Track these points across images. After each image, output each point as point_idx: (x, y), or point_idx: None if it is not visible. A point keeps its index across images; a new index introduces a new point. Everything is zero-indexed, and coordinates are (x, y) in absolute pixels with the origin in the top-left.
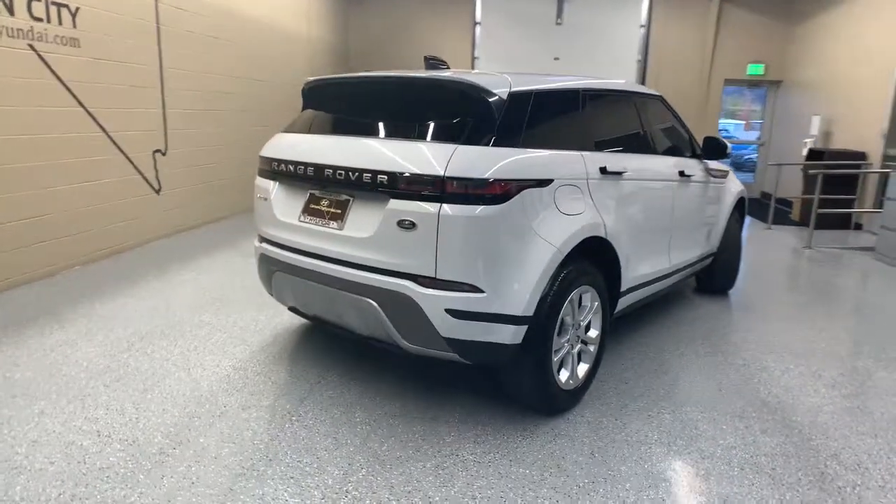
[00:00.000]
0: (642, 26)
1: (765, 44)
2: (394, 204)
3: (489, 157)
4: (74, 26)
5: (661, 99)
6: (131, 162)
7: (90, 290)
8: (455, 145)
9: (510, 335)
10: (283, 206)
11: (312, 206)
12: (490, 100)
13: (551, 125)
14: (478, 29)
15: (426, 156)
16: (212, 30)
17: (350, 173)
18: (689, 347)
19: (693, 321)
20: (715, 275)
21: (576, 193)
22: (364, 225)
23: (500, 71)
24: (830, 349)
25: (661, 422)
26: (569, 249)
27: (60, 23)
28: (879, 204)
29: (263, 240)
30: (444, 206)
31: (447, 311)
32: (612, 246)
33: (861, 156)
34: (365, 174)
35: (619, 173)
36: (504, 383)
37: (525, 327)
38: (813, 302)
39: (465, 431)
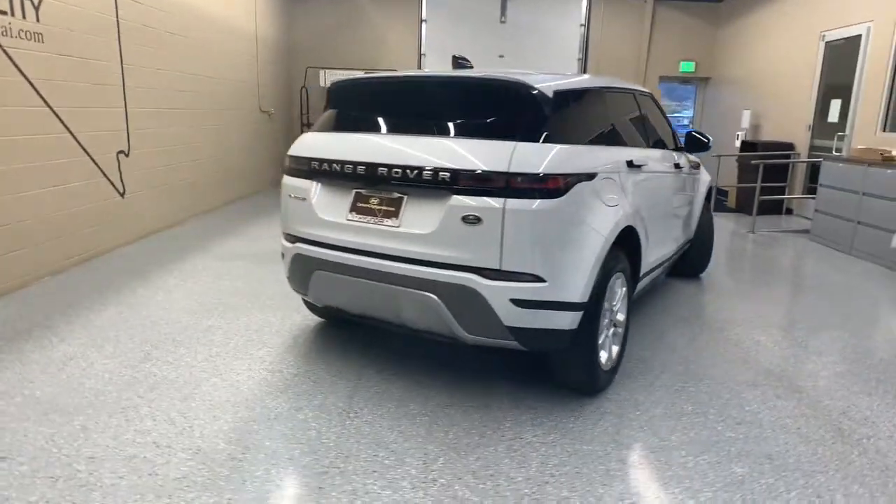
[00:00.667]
0: (582, 25)
1: (694, 43)
2: (456, 200)
3: (546, 153)
4: (38, 20)
5: (651, 96)
6: (96, 164)
7: (75, 301)
8: (514, 142)
9: (569, 321)
10: (325, 206)
11: (360, 204)
12: (540, 98)
13: (585, 121)
14: (424, 26)
15: (489, 153)
16: (169, 25)
17: (408, 171)
18: (685, 327)
19: (679, 303)
20: (692, 259)
21: (613, 186)
22: (423, 221)
23: (522, 70)
24: (808, 322)
25: (689, 395)
26: (613, 238)
27: (24, 16)
28: (807, 190)
29: (297, 239)
30: (509, 200)
31: (511, 300)
32: (637, 234)
33: (790, 146)
34: (424, 172)
35: (640, 166)
36: (554, 367)
37: (581, 313)
38: (777, 281)
39: (520, 416)
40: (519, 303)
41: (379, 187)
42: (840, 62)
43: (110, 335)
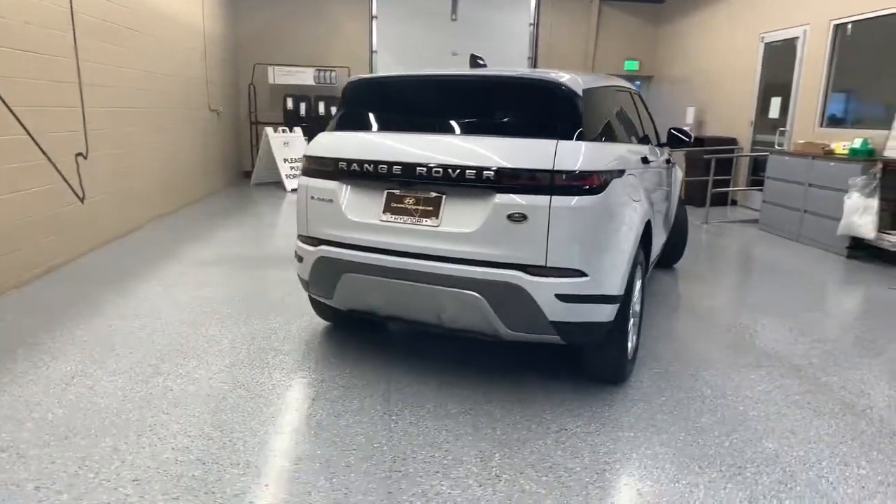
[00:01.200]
0: (531, 24)
1: (638, 43)
2: (502, 198)
3: (586, 151)
4: None
5: (639, 93)
6: (56, 167)
7: (52, 314)
8: (555, 140)
9: (608, 314)
10: (356, 207)
11: (395, 204)
12: (574, 96)
13: (605, 119)
14: (375, 23)
15: (532, 151)
16: (123, 20)
17: (449, 170)
18: (677, 316)
19: (665, 293)
20: (669, 250)
21: (635, 182)
22: (465, 220)
23: (539, 70)
24: (783, 305)
25: (704, 379)
26: (641, 232)
27: None
28: (750, 182)
29: (321, 242)
30: (554, 198)
31: (556, 296)
32: (651, 228)
33: (733, 141)
34: (468, 171)
35: (650, 162)
36: (587, 359)
37: (618, 306)
38: (743, 268)
39: (556, 408)
40: (563, 298)
41: (415, 187)
42: (779, 62)
43: (107, 349)
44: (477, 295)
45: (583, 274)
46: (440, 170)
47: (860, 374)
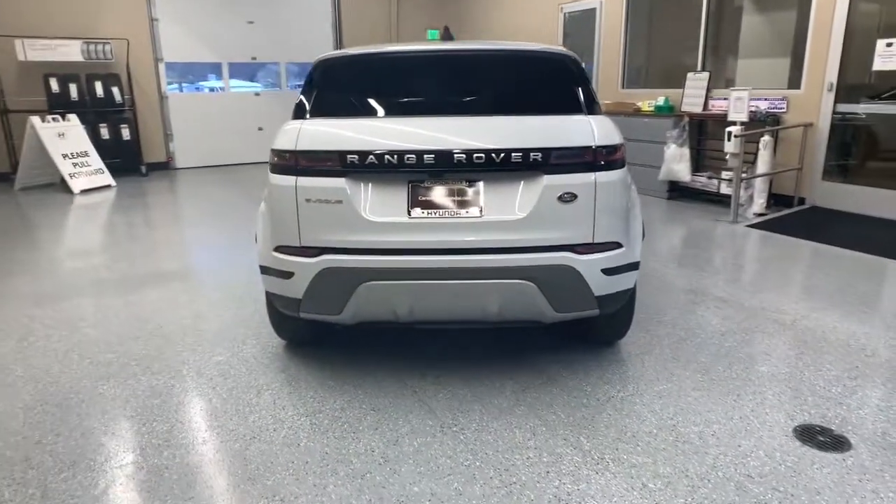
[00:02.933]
0: None
1: (436, 13)
2: (551, 179)
3: (610, 125)
4: None
5: None
6: None
7: None
8: (585, 116)
9: (633, 279)
10: (375, 205)
11: (424, 197)
12: (583, 70)
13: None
14: None
15: (573, 129)
16: None
17: (493, 155)
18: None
19: None
20: None
21: None
22: (510, 206)
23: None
24: (650, 244)
25: (716, 361)
26: None
27: None
28: None
29: (322, 251)
30: (598, 174)
31: (602, 271)
32: None
33: None
34: (513, 154)
35: None
36: (602, 322)
37: (638, 270)
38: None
39: (588, 378)
40: (607, 272)
41: (446, 177)
42: (580, 29)
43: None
44: (528, 283)
45: (619, 245)
46: (482, 155)
47: (846, 329)
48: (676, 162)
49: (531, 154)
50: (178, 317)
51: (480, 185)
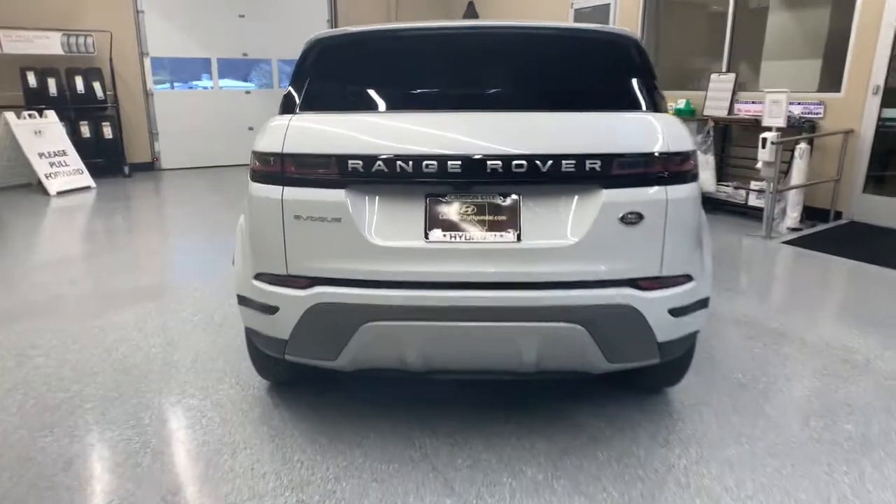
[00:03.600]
0: None
1: (438, 8)
2: (612, 195)
3: (681, 126)
4: None
5: None
6: None
7: None
8: (650, 114)
9: (703, 319)
10: (382, 224)
11: (445, 216)
12: (646, 56)
13: None
14: None
15: (636, 129)
16: None
17: (537, 161)
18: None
19: None
20: None
21: None
22: (557, 228)
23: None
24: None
25: (788, 415)
26: None
27: None
28: None
29: (315, 282)
30: (669, 188)
31: (669, 311)
32: None
33: None
34: (564, 161)
35: None
36: (655, 369)
37: (708, 308)
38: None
39: (639, 452)
40: (675, 312)
41: (474, 190)
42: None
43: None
44: (578, 327)
45: (690, 278)
46: (523, 162)
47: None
48: (702, 170)
49: (588, 162)
50: (147, 345)
51: (518, 200)
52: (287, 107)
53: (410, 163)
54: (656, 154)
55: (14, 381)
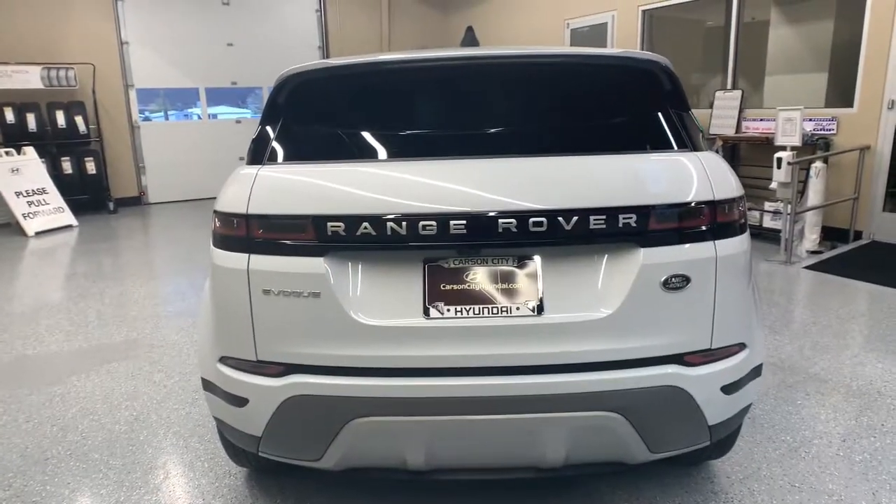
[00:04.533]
0: (317, 11)
1: (430, 31)
2: (652, 255)
3: (726, 167)
4: None
5: None
6: None
7: None
8: (690, 153)
9: (756, 391)
10: (370, 298)
11: (448, 285)
12: (679, 85)
13: None
14: (121, 6)
15: (683, 173)
16: None
17: (559, 218)
18: None
19: None
20: None
21: None
22: (585, 297)
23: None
24: None
25: (852, 489)
26: None
27: None
28: None
29: (292, 370)
30: (718, 243)
31: (722, 388)
32: None
33: None
34: (593, 216)
35: None
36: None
37: (762, 375)
38: None
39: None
40: (728, 388)
41: (484, 253)
42: (590, 43)
43: None
44: (616, 416)
45: (744, 346)
46: (541, 219)
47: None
48: None
49: (622, 216)
50: (112, 422)
51: (538, 265)
52: (255, 154)
53: (404, 223)
54: (702, 203)
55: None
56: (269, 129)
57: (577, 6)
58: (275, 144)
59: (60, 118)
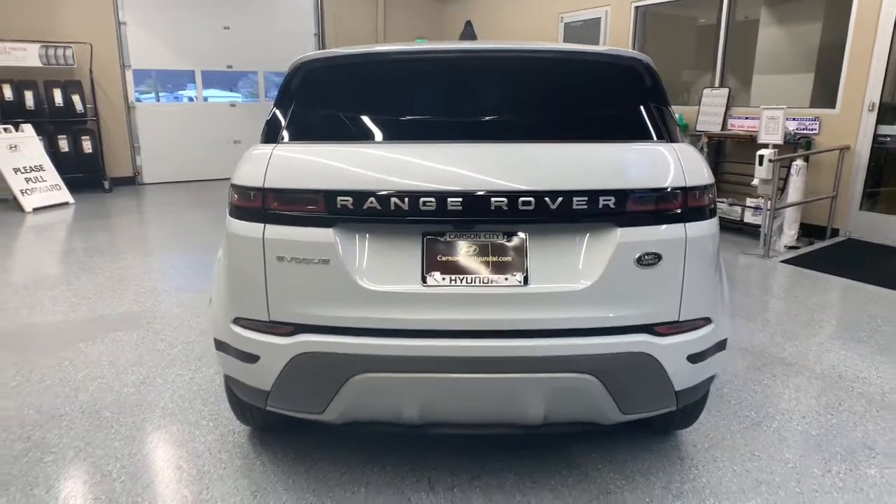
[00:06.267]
0: None
1: (425, 20)
2: (627, 234)
3: (698, 157)
4: None
5: None
6: None
7: None
8: (666, 144)
9: (720, 363)
10: (374, 267)
11: (444, 257)
12: (659, 81)
13: None
14: None
15: (652, 161)
16: None
17: (546, 198)
18: None
19: None
20: None
21: None
22: (568, 271)
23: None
24: None
25: (809, 458)
26: None
27: None
28: None
29: (300, 329)
30: (688, 225)
31: (688, 357)
32: None
33: None
34: (576, 197)
35: None
36: (670, 415)
37: (726, 349)
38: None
39: (647, 481)
40: (694, 358)
41: (477, 228)
42: (583, 39)
43: None
44: (590, 377)
45: (709, 321)
46: (530, 199)
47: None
48: None
49: (602, 198)
50: (120, 384)
51: (525, 240)
52: (270, 134)
53: (407, 199)
54: (675, 188)
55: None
56: (282, 110)
57: (572, 0)
58: (288, 125)
59: (58, 96)
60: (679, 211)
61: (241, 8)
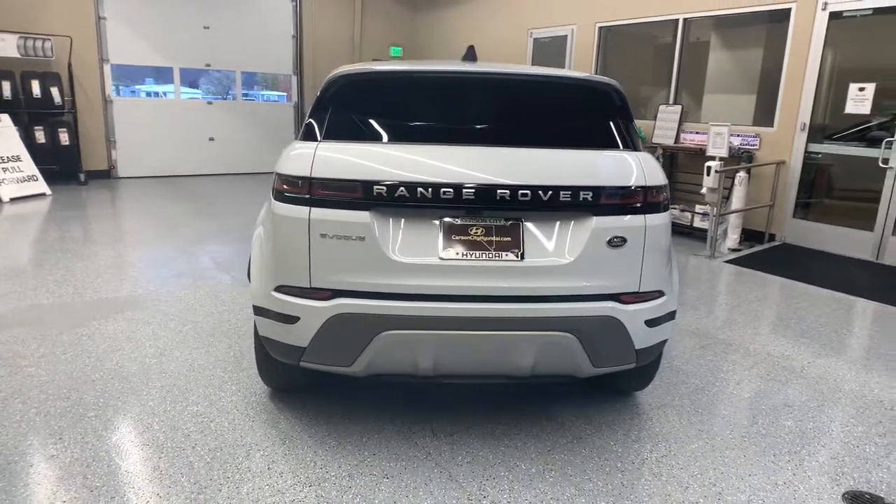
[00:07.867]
0: (293, 1)
1: (400, 29)
2: (601, 221)
3: (656, 164)
4: None
5: None
6: None
7: None
8: (633, 153)
9: (670, 329)
10: (404, 244)
11: (458, 236)
12: (626, 102)
13: None
14: None
15: (620, 166)
16: None
17: (539, 192)
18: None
19: None
20: None
21: None
22: (555, 249)
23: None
24: None
25: (739, 414)
26: None
27: None
28: None
29: (336, 294)
30: (648, 216)
31: (645, 322)
32: None
33: None
34: (562, 192)
35: None
36: (629, 374)
37: (675, 319)
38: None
39: (617, 448)
40: (650, 322)
41: (485, 215)
42: (550, 55)
43: None
44: (570, 335)
45: (662, 294)
46: (527, 192)
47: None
48: None
49: (582, 193)
50: (141, 355)
51: (522, 224)
52: (308, 135)
53: (430, 189)
54: (637, 187)
55: (10, 390)
56: (320, 115)
57: (541, 18)
58: (325, 127)
59: (35, 88)
60: (640, 204)
61: (221, 8)
